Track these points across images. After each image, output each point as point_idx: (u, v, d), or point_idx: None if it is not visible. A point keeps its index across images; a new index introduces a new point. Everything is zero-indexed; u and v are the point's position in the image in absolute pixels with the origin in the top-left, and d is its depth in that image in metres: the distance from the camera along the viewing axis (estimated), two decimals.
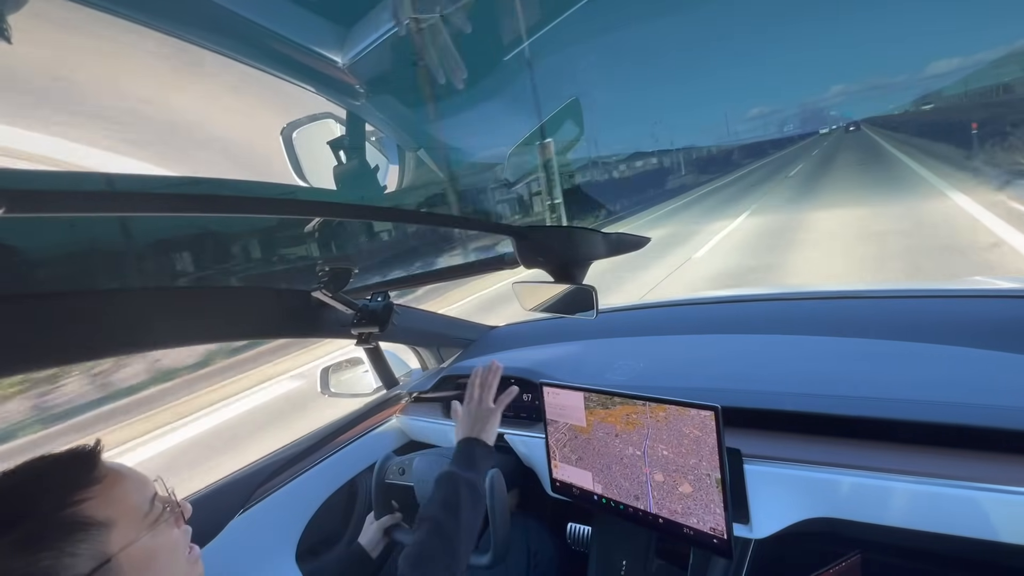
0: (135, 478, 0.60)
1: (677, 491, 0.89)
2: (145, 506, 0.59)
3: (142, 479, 0.61)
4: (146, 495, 0.60)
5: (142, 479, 0.61)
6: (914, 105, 38.63)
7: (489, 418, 1.03)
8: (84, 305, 0.85)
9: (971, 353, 0.95)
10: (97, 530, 0.53)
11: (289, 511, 1.24)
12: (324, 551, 1.32)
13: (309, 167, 0.90)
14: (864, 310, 1.24)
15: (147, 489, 0.60)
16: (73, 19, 0.50)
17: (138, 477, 0.61)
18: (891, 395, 0.87)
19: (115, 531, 0.54)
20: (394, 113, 0.93)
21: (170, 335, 1.03)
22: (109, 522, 0.54)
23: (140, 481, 0.60)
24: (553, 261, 1.05)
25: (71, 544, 0.51)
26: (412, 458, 1.22)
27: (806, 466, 0.84)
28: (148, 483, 0.61)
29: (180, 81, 0.67)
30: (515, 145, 1.07)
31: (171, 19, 0.57)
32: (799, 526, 0.86)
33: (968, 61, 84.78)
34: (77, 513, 0.52)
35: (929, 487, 0.74)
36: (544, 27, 0.76)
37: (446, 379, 1.51)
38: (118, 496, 0.56)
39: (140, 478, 0.61)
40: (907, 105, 46.72)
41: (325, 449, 1.34)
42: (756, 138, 44.64)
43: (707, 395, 0.85)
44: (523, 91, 0.92)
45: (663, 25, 31.73)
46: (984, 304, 1.12)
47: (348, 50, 0.70)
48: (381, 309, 1.32)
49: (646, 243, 1.14)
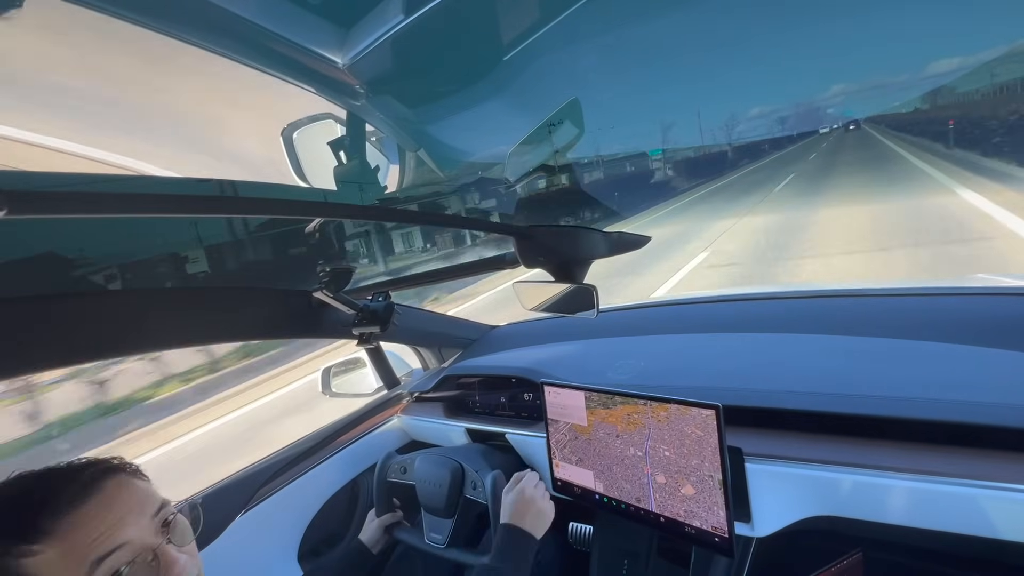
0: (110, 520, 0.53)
1: (679, 493, 0.89)
2: (139, 546, 0.54)
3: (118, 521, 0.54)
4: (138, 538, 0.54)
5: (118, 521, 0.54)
6: (917, 103, 38.47)
7: (545, 512, 1.00)
8: (85, 306, 0.85)
9: (972, 351, 0.94)
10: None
11: (291, 511, 1.24)
12: (326, 551, 1.33)
13: (309, 167, 0.90)
14: (865, 308, 1.24)
15: (146, 526, 0.56)
16: (72, 19, 0.50)
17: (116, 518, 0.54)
18: (892, 393, 0.86)
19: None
20: (394, 113, 0.93)
21: (171, 335, 1.03)
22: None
23: (107, 530, 0.53)
24: (554, 260, 1.05)
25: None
26: (414, 457, 1.22)
27: (807, 464, 0.84)
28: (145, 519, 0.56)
29: (180, 82, 0.67)
30: (515, 145, 1.07)
31: (171, 20, 0.57)
32: (801, 524, 0.86)
33: (969, 61, 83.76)
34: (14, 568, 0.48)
35: (930, 485, 0.74)
36: (544, 26, 0.76)
37: (447, 379, 1.51)
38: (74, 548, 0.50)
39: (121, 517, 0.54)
40: (910, 103, 46.37)
41: (327, 449, 1.34)
42: (754, 138, 44.24)
43: (708, 394, 0.85)
44: (523, 90, 0.92)
45: (662, 24, 31.87)
46: (985, 302, 1.12)
47: (348, 50, 0.70)
48: (382, 309, 1.32)
49: (647, 242, 1.14)
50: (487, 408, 1.41)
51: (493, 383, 1.41)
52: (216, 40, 0.62)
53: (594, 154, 2.01)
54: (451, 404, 1.47)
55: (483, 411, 1.41)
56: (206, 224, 0.95)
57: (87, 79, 0.59)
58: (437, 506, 1.13)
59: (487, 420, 1.36)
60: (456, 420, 1.40)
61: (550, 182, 1.51)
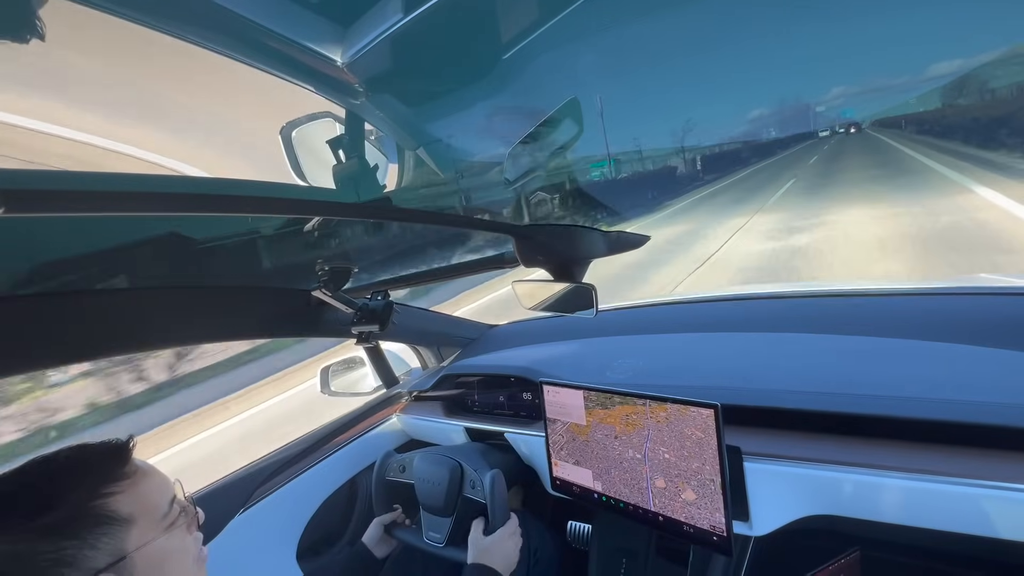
0: (158, 478, 0.61)
1: (680, 498, 0.89)
2: (164, 507, 0.59)
3: (165, 480, 0.62)
4: (166, 497, 0.60)
5: (165, 480, 0.62)
6: (919, 103, 38.22)
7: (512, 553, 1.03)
8: (84, 305, 0.85)
9: (971, 351, 0.95)
10: (119, 526, 0.54)
11: (290, 510, 1.24)
12: (325, 550, 1.33)
13: (309, 166, 0.90)
14: (864, 308, 1.24)
15: (168, 491, 0.61)
16: (72, 19, 0.50)
17: (161, 478, 0.61)
18: (890, 392, 0.87)
19: (135, 529, 0.55)
20: (394, 112, 0.93)
21: (170, 334, 1.03)
22: (131, 519, 0.55)
23: (163, 482, 0.61)
24: (553, 260, 1.05)
25: (94, 536, 0.52)
26: (413, 456, 1.22)
27: (806, 464, 0.84)
28: (169, 484, 0.62)
29: (179, 80, 0.67)
30: (515, 144, 1.07)
31: (170, 18, 0.57)
32: (799, 523, 0.86)
33: (970, 62, 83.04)
34: (104, 506, 0.53)
35: (928, 484, 0.74)
36: (543, 26, 0.76)
37: (446, 378, 1.51)
38: (142, 494, 0.57)
39: (163, 479, 0.61)
40: (911, 105, 45.98)
41: (325, 448, 1.34)
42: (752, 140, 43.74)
43: (707, 393, 0.85)
44: (522, 90, 0.92)
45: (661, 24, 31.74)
46: (986, 302, 1.12)
47: (347, 49, 0.70)
48: (381, 308, 1.32)
49: (646, 241, 1.14)
50: (486, 407, 1.41)
51: (492, 382, 1.41)
52: (214, 38, 0.61)
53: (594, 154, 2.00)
54: (450, 403, 1.47)
55: (482, 410, 1.41)
56: (204, 223, 0.95)
57: (85, 79, 0.59)
58: (436, 505, 1.13)
59: (486, 419, 1.36)
60: (455, 419, 1.40)
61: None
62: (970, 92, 24.27)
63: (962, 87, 27.76)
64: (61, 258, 0.79)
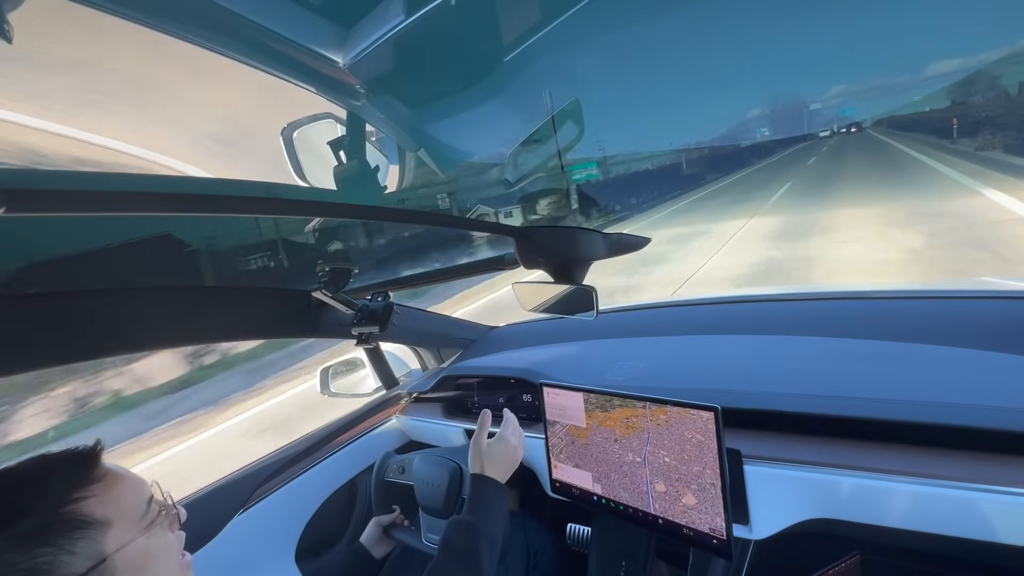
0: (133, 480, 0.60)
1: (680, 502, 0.88)
2: (142, 508, 0.59)
3: (139, 481, 0.61)
4: (143, 497, 0.60)
5: (139, 481, 0.61)
6: (919, 103, 38.25)
7: (512, 453, 1.01)
8: (84, 305, 0.85)
9: (972, 354, 0.94)
10: (95, 529, 0.53)
11: (289, 511, 1.24)
12: (324, 551, 1.32)
13: (310, 167, 0.90)
14: (865, 311, 1.23)
15: (144, 491, 0.61)
16: (72, 19, 0.50)
17: (136, 479, 0.61)
18: (890, 396, 0.86)
19: (112, 531, 0.54)
20: (395, 113, 0.93)
21: (170, 335, 1.03)
22: (107, 521, 0.54)
23: (137, 483, 0.60)
24: (553, 261, 1.05)
25: (69, 542, 0.51)
26: (412, 457, 1.22)
27: (806, 467, 0.84)
28: (145, 485, 0.62)
29: (179, 81, 0.67)
30: (516, 145, 1.07)
31: (172, 19, 0.57)
32: (799, 527, 0.86)
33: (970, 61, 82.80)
34: (76, 511, 0.53)
35: (928, 488, 0.74)
36: (545, 27, 0.76)
37: (446, 379, 1.51)
38: (116, 496, 0.56)
39: (137, 480, 0.61)
40: (912, 105, 46.07)
41: (325, 449, 1.34)
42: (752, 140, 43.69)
43: (707, 396, 0.84)
44: (523, 91, 0.92)
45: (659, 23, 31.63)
46: (987, 305, 1.12)
47: (349, 50, 0.70)
48: (381, 309, 1.32)
49: (646, 243, 1.14)
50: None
51: (492, 384, 1.41)
52: (216, 39, 0.61)
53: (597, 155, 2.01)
54: (450, 405, 1.47)
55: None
56: (205, 223, 0.95)
57: (85, 78, 0.59)
58: (435, 506, 1.12)
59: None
60: (455, 421, 1.40)
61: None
62: (978, 91, 24.12)
63: (970, 86, 27.57)
64: (61, 258, 0.79)
